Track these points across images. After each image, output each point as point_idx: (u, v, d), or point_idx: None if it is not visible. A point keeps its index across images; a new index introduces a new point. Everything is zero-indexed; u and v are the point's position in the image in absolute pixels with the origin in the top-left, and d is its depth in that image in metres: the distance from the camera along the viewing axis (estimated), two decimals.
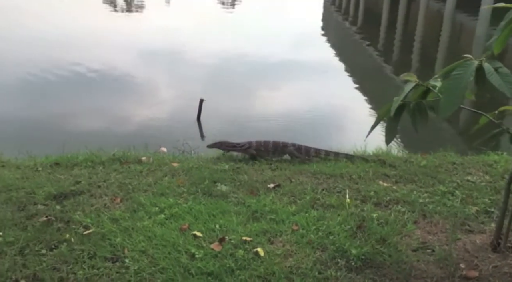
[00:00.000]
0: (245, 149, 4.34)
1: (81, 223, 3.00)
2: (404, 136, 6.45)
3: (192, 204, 3.25)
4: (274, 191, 3.51)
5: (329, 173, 3.88)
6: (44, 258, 2.66)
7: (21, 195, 3.34)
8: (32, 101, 7.62)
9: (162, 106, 7.48)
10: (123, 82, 8.80)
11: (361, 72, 11.90)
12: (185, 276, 2.52)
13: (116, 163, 4.05)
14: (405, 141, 6.41)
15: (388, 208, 3.28)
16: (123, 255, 2.69)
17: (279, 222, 3.06)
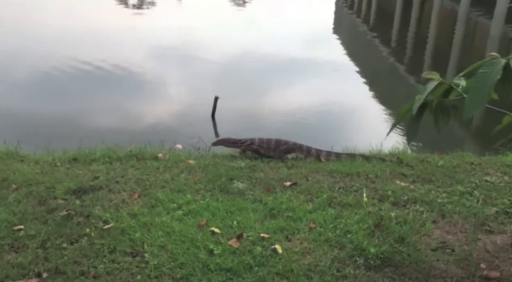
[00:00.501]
0: (247, 146, 4.34)
1: (100, 217, 3.03)
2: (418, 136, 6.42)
3: (209, 200, 3.26)
4: (290, 189, 3.51)
5: (345, 171, 3.87)
6: (65, 251, 2.69)
7: (41, 190, 3.38)
8: (47, 97, 7.71)
9: (176, 104, 7.52)
10: (137, 80, 8.85)
11: (373, 71, 11.84)
12: (204, 272, 2.54)
13: (133, 159, 4.08)
14: (418, 140, 6.36)
15: (406, 207, 3.27)
16: (142, 250, 2.72)
17: (296, 219, 3.06)
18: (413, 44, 15.48)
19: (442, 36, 15.97)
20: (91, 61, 9.38)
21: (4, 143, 4.61)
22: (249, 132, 6.08)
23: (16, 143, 4.50)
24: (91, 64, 9.23)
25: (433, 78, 2.47)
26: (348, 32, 18.84)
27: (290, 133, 6.27)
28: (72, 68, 9.02)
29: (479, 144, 6.44)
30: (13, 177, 3.60)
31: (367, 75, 10.89)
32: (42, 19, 13.72)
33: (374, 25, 19.10)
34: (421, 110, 2.50)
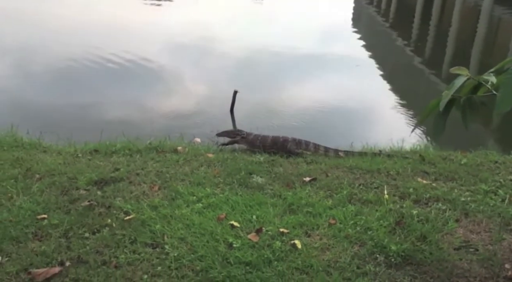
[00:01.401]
0: (243, 138, 4.40)
1: (121, 209, 3.07)
2: None
3: (228, 194, 3.27)
4: (310, 185, 3.49)
5: (366, 168, 3.83)
6: (87, 241, 2.73)
7: (64, 180, 3.44)
8: (68, 90, 7.80)
9: (194, 97, 7.53)
10: (155, 73, 8.89)
11: (392, 67, 11.66)
12: (223, 265, 2.54)
13: (152, 152, 4.11)
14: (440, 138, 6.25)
15: (428, 205, 3.22)
16: (162, 241, 2.74)
17: (315, 215, 3.04)
18: (434, 41, 15.19)
19: (463, 32, 15.65)
20: (110, 55, 9.45)
21: (27, 133, 4.71)
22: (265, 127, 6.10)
23: (38, 134, 4.58)
24: (110, 58, 9.30)
25: (461, 74, 2.41)
26: (367, 27, 18.60)
27: (309, 128, 6.25)
28: (91, 62, 9.10)
29: (503, 142, 6.29)
30: (36, 167, 3.66)
31: (386, 71, 10.74)
32: (61, 12, 13.88)
33: (394, 21, 18.81)
34: (449, 106, 2.45)
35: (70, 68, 8.62)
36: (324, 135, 4.50)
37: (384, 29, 17.69)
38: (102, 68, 8.82)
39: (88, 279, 2.44)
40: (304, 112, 6.87)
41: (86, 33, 11.39)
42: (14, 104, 6.96)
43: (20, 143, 4.24)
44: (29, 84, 8.01)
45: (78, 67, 8.76)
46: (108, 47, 9.92)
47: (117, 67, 8.88)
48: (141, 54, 9.54)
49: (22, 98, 7.19)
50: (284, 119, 6.60)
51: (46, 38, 10.83)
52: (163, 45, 10.95)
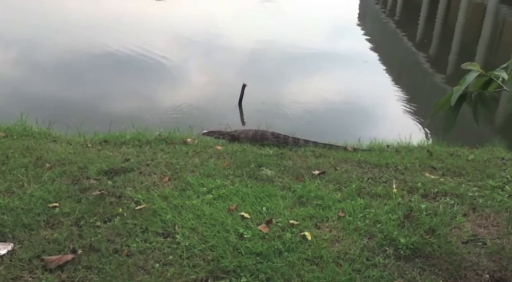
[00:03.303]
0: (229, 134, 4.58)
1: (132, 198, 3.09)
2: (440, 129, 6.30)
3: (238, 186, 3.29)
4: (319, 178, 3.51)
5: (374, 162, 3.85)
6: (99, 230, 2.76)
7: (74, 169, 3.46)
8: (76, 81, 7.81)
9: (202, 90, 7.54)
10: (163, 66, 8.89)
11: (397, 64, 11.64)
12: (234, 255, 2.57)
13: (162, 143, 4.14)
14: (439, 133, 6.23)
15: (436, 200, 3.24)
16: (174, 231, 2.77)
17: (325, 208, 3.07)
18: (439, 38, 15.13)
19: (469, 31, 15.57)
20: (119, 47, 9.46)
21: (37, 123, 4.73)
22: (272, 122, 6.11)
23: (48, 124, 4.61)
24: (119, 50, 9.31)
25: (473, 69, 2.42)
26: (373, 24, 18.53)
27: (315, 123, 6.26)
28: (100, 53, 9.12)
29: (510, 139, 6.29)
30: (46, 156, 3.69)
31: (391, 67, 10.72)
32: (69, 5, 13.87)
33: (400, 18, 18.74)
34: (460, 101, 2.46)
35: (79, 60, 8.63)
36: (332, 131, 4.50)
37: (390, 26, 17.63)
38: (110, 60, 8.83)
39: (101, 266, 2.47)
40: (311, 107, 6.87)
41: (94, 25, 11.37)
42: (23, 95, 6.99)
43: (30, 132, 4.27)
44: (37, 75, 8.03)
45: (86, 59, 8.78)
46: (116, 39, 9.93)
47: (125, 59, 8.89)
48: (150, 47, 9.53)
49: (31, 89, 7.23)
50: (292, 114, 6.61)
51: (53, 30, 10.82)
52: (171, 38, 10.94)
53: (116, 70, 8.33)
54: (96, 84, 7.52)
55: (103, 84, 7.55)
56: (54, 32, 10.57)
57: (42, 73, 8.02)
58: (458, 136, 5.50)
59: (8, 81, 7.66)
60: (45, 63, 8.51)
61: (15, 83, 7.48)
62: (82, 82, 7.60)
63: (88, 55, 8.95)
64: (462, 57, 12.72)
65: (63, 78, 7.79)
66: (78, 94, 6.97)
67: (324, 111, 6.77)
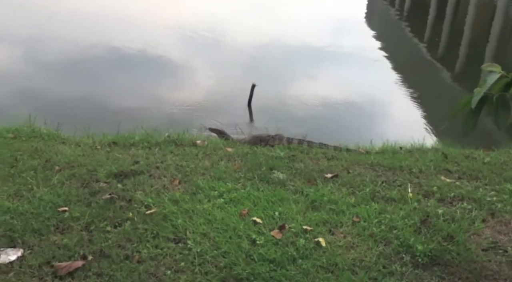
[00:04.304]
0: None
1: (142, 202, 3.04)
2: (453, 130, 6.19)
3: (250, 189, 3.23)
4: (332, 181, 3.44)
5: (387, 165, 3.77)
6: (109, 235, 2.71)
7: (84, 172, 3.42)
8: (82, 80, 7.79)
9: (210, 90, 7.48)
10: (170, 65, 8.86)
11: (406, 62, 11.49)
12: (247, 262, 2.51)
13: (171, 145, 4.09)
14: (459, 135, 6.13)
15: (452, 204, 3.15)
16: (185, 236, 2.71)
17: (339, 213, 3.00)
18: (448, 36, 14.95)
19: (478, 28, 15.37)
20: (125, 46, 9.44)
21: (45, 124, 4.69)
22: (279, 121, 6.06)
23: (56, 125, 4.57)
24: (125, 49, 9.29)
25: (494, 70, 2.34)
26: (381, 22, 18.36)
27: (326, 125, 6.18)
28: (107, 52, 9.10)
29: None
30: (55, 158, 3.65)
31: (400, 66, 10.59)
32: (76, 4, 13.85)
33: (408, 15, 18.55)
34: (481, 104, 2.39)
35: (86, 59, 8.61)
36: (342, 131, 4.42)
37: (397, 24, 17.45)
38: (117, 58, 8.81)
39: (111, 273, 2.42)
40: (320, 108, 6.80)
41: (99, 25, 11.36)
42: (31, 93, 6.98)
43: (38, 133, 4.23)
44: (44, 74, 8.02)
45: (94, 58, 8.76)
46: (123, 38, 9.90)
47: (132, 58, 8.86)
48: (157, 45, 9.49)
49: (38, 87, 7.21)
50: (301, 114, 6.54)
51: (58, 29, 10.80)
52: (178, 36, 10.89)
53: (122, 68, 8.30)
54: (103, 82, 7.51)
55: (110, 82, 7.52)
56: (60, 30, 10.54)
57: (50, 72, 8.01)
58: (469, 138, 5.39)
59: (15, 80, 7.66)
60: (52, 62, 8.50)
61: (23, 82, 7.47)
62: (88, 82, 7.59)
63: (96, 54, 8.93)
64: (472, 56, 12.57)
65: (70, 78, 7.77)
66: (85, 93, 6.95)
67: (333, 112, 6.69)
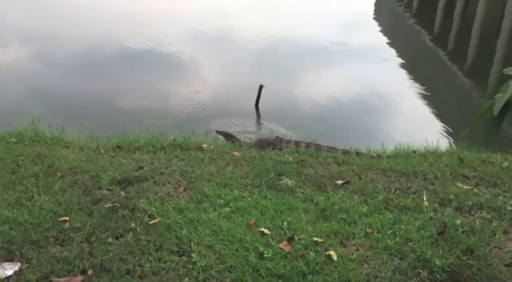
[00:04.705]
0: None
1: (145, 211, 2.93)
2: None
3: (257, 197, 3.10)
4: (343, 188, 3.29)
5: (401, 170, 3.62)
6: (110, 247, 2.60)
7: (86, 179, 3.31)
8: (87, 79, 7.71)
9: (216, 89, 7.34)
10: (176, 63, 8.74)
11: (414, 59, 11.23)
12: (254, 277, 2.39)
13: (177, 149, 3.97)
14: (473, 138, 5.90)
15: (471, 213, 2.99)
16: (189, 249, 2.59)
17: (350, 223, 2.86)
18: (457, 31, 14.59)
19: (489, 23, 14.99)
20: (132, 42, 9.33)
21: (49, 127, 4.60)
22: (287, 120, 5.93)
23: (60, 128, 4.48)
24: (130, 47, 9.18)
25: None
26: (389, 17, 18.04)
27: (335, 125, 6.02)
28: (113, 51, 9.01)
29: None
30: (58, 164, 3.55)
31: (410, 63, 10.34)
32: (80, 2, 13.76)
33: (417, 11, 18.20)
34: (503, 111, 2.23)
35: (91, 58, 8.53)
36: (354, 133, 4.27)
37: (406, 20, 17.12)
38: (124, 56, 8.71)
39: None
40: (329, 109, 6.64)
41: (103, 22, 11.25)
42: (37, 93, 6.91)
43: (42, 137, 4.14)
44: (49, 73, 7.95)
45: (100, 56, 8.68)
46: (130, 36, 9.80)
47: (139, 56, 8.75)
48: (165, 43, 9.36)
49: (43, 87, 7.14)
50: (310, 114, 6.38)
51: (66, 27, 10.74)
52: (186, 34, 10.76)
53: (129, 66, 8.19)
54: (111, 80, 7.41)
55: (117, 80, 7.42)
56: (68, 28, 10.47)
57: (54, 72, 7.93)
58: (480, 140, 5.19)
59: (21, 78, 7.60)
60: (57, 62, 8.43)
61: (28, 80, 7.41)
62: (94, 80, 7.50)
63: (102, 51, 8.84)
64: (482, 51, 12.27)
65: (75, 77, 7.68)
66: (92, 89, 6.86)
67: (343, 111, 6.52)
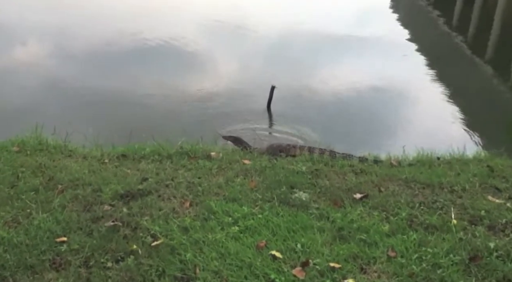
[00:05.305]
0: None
1: (148, 230, 2.73)
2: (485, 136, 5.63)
3: (268, 214, 2.87)
4: (361, 203, 3.04)
5: (424, 181, 3.34)
6: (109, 272, 2.41)
7: (87, 193, 3.13)
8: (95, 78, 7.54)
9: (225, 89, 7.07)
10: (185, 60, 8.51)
11: (434, 51, 10.73)
12: None
13: (184, 158, 3.76)
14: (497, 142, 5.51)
15: (505, 233, 2.71)
16: (194, 275, 2.39)
17: (371, 244, 2.61)
18: (478, 21, 13.97)
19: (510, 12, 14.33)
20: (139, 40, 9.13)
21: (53, 133, 4.43)
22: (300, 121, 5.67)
23: (65, 134, 4.30)
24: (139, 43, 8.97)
25: None
26: (406, 6, 17.45)
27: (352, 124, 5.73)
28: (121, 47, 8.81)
29: None
30: (59, 175, 3.37)
31: (428, 56, 9.86)
32: None
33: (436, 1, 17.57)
34: None
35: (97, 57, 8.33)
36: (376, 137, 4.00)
37: (424, 9, 16.53)
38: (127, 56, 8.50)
39: None
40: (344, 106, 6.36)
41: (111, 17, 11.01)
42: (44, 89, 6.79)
43: (45, 145, 3.97)
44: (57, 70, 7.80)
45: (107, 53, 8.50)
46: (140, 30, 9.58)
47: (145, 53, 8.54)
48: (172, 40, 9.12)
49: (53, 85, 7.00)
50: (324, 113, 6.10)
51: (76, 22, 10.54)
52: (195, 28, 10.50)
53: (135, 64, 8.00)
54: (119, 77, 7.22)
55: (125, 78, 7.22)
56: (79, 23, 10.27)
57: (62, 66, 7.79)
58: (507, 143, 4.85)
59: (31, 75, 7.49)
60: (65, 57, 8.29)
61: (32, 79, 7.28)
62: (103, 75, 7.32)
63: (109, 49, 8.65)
64: (504, 42, 11.71)
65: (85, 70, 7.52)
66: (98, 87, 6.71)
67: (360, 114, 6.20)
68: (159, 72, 7.56)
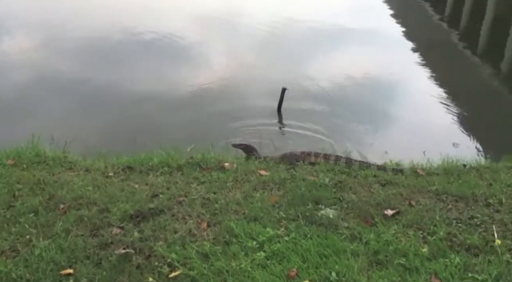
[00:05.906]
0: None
1: (164, 258, 2.47)
2: None
3: (295, 236, 2.62)
4: (394, 220, 2.80)
5: (456, 193, 3.11)
6: None
7: (94, 214, 2.85)
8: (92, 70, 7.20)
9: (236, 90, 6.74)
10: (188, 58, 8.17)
11: (426, 43, 10.44)
12: None
13: (196, 169, 3.49)
14: None
15: None
16: None
17: (412, 270, 2.38)
18: (470, 13, 13.70)
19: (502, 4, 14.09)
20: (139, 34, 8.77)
21: (52, 141, 4.13)
22: None
23: (64, 144, 4.01)
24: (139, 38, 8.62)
25: None
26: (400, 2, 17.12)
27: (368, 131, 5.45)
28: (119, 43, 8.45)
29: None
30: (61, 193, 3.09)
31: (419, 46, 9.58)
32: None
33: None
34: None
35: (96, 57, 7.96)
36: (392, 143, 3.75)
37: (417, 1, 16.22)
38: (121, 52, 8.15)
39: None
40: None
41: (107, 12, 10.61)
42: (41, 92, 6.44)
43: (43, 157, 3.67)
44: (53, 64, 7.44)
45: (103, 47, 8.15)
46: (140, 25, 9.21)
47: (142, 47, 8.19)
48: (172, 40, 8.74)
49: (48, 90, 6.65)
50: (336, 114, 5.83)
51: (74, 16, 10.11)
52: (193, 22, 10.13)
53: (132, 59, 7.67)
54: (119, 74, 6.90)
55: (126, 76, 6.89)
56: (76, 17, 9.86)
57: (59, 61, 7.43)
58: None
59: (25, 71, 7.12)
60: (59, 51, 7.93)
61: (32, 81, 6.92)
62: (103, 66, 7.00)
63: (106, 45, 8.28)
64: (495, 34, 11.48)
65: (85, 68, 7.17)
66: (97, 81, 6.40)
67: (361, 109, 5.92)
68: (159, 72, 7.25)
